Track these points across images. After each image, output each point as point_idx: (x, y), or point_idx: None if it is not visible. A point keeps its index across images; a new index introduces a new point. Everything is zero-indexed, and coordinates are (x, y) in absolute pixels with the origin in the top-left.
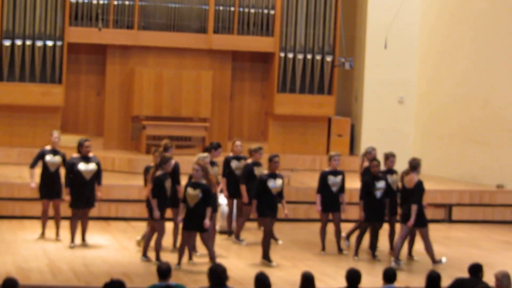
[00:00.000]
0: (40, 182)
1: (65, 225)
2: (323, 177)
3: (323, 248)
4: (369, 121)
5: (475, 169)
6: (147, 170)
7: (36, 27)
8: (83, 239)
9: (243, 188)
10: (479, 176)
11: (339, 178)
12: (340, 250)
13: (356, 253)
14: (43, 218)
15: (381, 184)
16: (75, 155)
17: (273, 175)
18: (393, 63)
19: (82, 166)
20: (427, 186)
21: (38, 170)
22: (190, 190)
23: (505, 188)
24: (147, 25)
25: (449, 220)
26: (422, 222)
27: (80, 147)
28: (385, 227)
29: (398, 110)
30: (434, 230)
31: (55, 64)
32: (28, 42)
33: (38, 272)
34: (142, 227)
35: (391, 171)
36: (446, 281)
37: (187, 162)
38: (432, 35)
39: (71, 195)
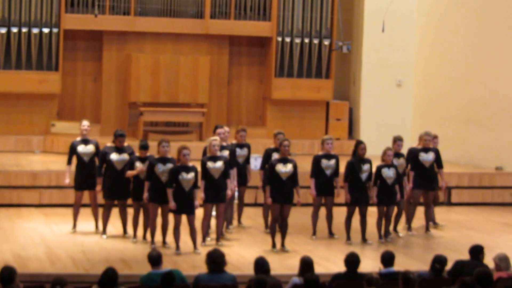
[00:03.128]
0: (75, 173)
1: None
2: (316, 161)
3: (314, 233)
4: (367, 105)
5: (474, 152)
6: (131, 162)
7: (32, 14)
8: (125, 231)
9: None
10: (478, 158)
11: (332, 161)
12: (331, 234)
13: (348, 237)
14: (75, 209)
15: (366, 167)
16: (109, 144)
17: (283, 160)
18: (391, 46)
19: (114, 156)
20: None
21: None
22: (184, 175)
23: (504, 170)
24: (144, 11)
25: (448, 202)
26: None
27: (114, 138)
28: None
29: (397, 93)
30: (433, 213)
31: (52, 51)
32: (24, 30)
33: (36, 260)
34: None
35: (398, 154)
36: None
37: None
38: (430, 17)
39: (103, 185)
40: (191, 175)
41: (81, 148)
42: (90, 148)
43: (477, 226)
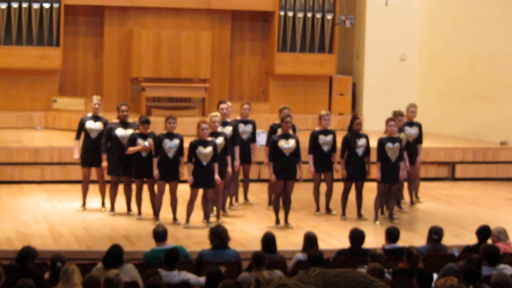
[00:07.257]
0: (82, 150)
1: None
2: (314, 137)
3: (318, 209)
4: (370, 79)
5: (478, 126)
6: (133, 138)
7: None
8: (129, 209)
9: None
10: (482, 133)
11: (329, 137)
12: (328, 210)
13: (343, 212)
14: (84, 187)
15: (362, 142)
16: (115, 120)
17: (285, 136)
18: (394, 20)
19: (120, 131)
20: (430, 144)
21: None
22: (201, 149)
23: (508, 145)
24: None
25: (452, 178)
26: None
27: (117, 111)
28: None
29: (400, 68)
30: (438, 189)
31: (52, 27)
32: (25, 5)
33: (39, 237)
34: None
35: (399, 129)
36: (450, 239)
37: (187, 124)
38: None
39: (109, 161)
40: (208, 149)
41: (89, 124)
42: (99, 125)
43: (481, 202)
